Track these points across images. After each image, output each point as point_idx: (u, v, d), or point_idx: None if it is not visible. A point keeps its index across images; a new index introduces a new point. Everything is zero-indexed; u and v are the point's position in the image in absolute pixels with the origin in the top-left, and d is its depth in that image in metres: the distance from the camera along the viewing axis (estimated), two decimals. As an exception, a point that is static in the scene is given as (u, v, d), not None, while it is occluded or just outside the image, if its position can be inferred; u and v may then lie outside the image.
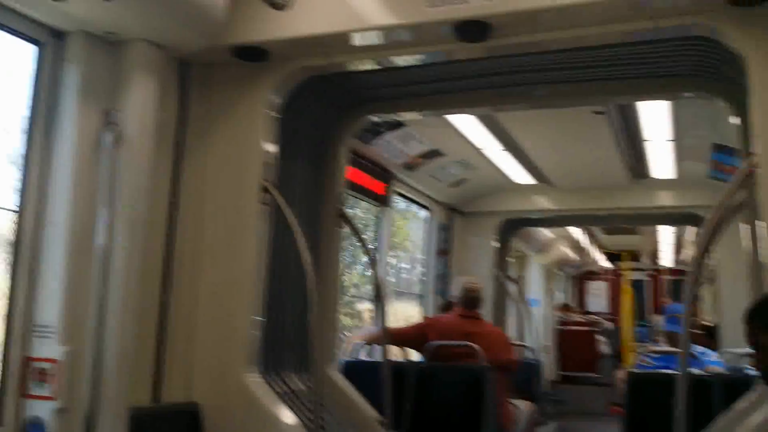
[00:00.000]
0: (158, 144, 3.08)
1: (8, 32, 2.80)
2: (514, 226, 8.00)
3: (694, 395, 3.12)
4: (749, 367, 2.63)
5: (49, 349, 2.71)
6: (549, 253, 11.93)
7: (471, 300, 5.10)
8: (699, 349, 5.01)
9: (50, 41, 2.90)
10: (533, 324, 8.19)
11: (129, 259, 2.86)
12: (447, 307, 6.14)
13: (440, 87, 3.92)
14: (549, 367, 12.33)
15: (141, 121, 2.96)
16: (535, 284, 12.51)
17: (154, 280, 3.19)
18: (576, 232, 11.44)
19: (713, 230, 3.02)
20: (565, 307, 14.43)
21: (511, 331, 8.36)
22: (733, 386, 4.06)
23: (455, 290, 5.21)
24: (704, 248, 3.03)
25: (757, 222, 3.01)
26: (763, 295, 2.64)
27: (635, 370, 4.65)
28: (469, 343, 4.84)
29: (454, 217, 7.44)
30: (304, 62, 3.37)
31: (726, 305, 6.22)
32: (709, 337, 6.55)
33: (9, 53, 2.93)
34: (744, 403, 3.27)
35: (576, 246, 12.52)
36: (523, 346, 7.36)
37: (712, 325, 7.09)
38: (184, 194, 3.33)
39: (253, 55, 3.30)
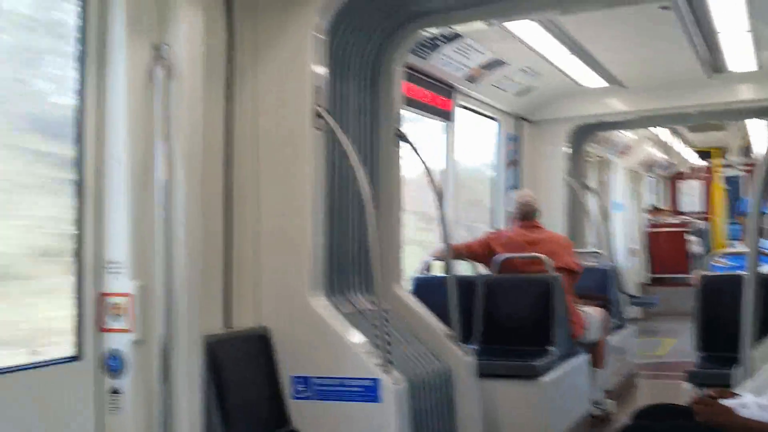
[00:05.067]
0: (209, 75, 3.10)
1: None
2: (587, 132, 7.81)
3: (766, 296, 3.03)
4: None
5: (121, 283, 2.82)
6: (632, 156, 11.59)
7: (527, 212, 5.15)
8: None
9: (95, -21, 2.90)
10: (612, 229, 8.05)
11: (189, 190, 2.93)
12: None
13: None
14: (638, 270, 12.21)
15: (190, 53, 2.96)
16: (619, 188, 12.24)
17: (215, 210, 3.26)
18: (660, 131, 11.02)
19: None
20: (655, 209, 14.11)
21: (590, 238, 8.25)
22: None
23: (509, 206, 5.24)
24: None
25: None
26: None
27: (707, 272, 4.54)
28: (537, 254, 4.83)
29: (522, 126, 7.29)
30: (349, -20, 3.30)
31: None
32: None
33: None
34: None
35: (662, 145, 12.10)
36: (596, 252, 7.26)
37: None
38: (238, 123, 3.36)
39: (298, -24, 3.25)
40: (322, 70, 3.37)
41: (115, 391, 2.80)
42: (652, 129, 10.61)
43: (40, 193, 2.91)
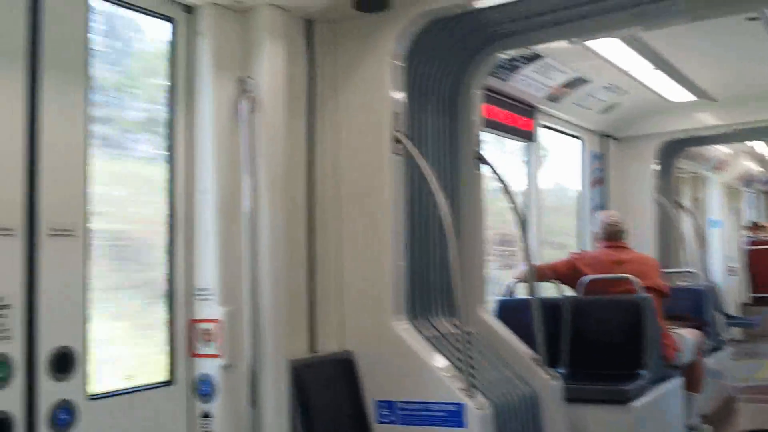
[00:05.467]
0: (291, 106, 3.19)
1: (144, 12, 2.96)
2: (677, 148, 7.59)
3: None
4: None
5: (210, 310, 2.92)
6: (728, 170, 11.16)
7: (613, 233, 5.07)
8: None
9: (182, 17, 3.03)
10: (709, 247, 7.76)
11: (274, 219, 3.01)
12: None
13: (575, 13, 3.73)
14: (738, 290, 11.70)
15: (274, 85, 3.06)
16: (716, 205, 11.82)
17: (299, 238, 3.33)
18: (756, 145, 10.56)
19: None
20: (755, 226, 13.51)
21: (684, 257, 7.98)
22: None
23: (595, 227, 5.15)
24: None
25: None
26: None
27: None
28: (625, 275, 4.72)
29: (607, 144, 7.16)
30: (426, 6, 3.33)
31: None
32: None
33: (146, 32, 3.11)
34: None
35: (761, 159, 11.59)
36: (691, 272, 7.01)
37: None
38: (319, 151, 3.43)
39: (374, 5, 3.30)
40: (400, 95, 3.41)
41: (206, 415, 2.89)
42: (747, 142, 10.21)
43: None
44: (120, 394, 2.72)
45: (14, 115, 2.38)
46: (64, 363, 2.46)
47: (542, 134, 6.14)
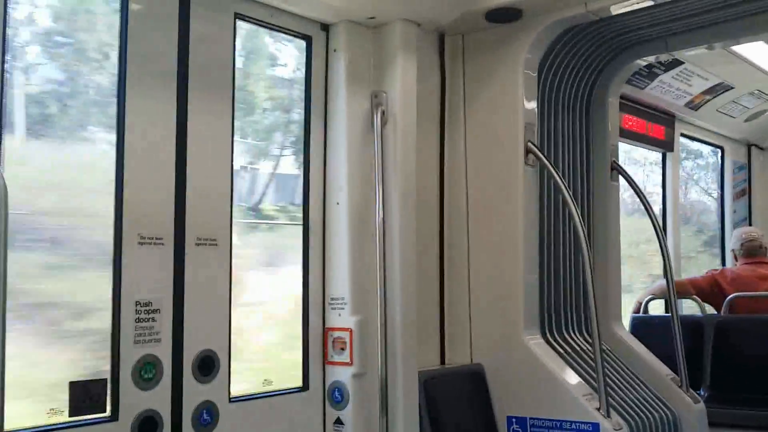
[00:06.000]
0: (422, 118, 3.20)
1: (284, 32, 3.06)
2: (831, 158, 7.04)
3: None
4: None
5: (343, 319, 2.98)
6: None
7: (753, 248, 4.87)
8: None
9: (318, 34, 3.11)
10: None
11: (405, 231, 3.03)
12: None
13: (718, 16, 3.55)
14: None
15: (406, 98, 3.08)
16: None
17: (429, 249, 3.34)
18: None
19: None
20: None
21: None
22: None
23: (733, 244, 4.97)
24: None
25: None
26: None
27: None
28: (777, 293, 4.45)
29: (752, 153, 6.76)
30: (559, 14, 3.26)
31: None
32: None
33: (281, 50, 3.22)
34: None
35: None
36: None
37: None
38: (449, 163, 3.43)
39: (506, 15, 3.27)
40: (532, 105, 3.36)
41: (338, 422, 2.94)
42: None
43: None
44: (258, 397, 2.81)
45: (167, 134, 2.52)
46: (208, 366, 2.57)
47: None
